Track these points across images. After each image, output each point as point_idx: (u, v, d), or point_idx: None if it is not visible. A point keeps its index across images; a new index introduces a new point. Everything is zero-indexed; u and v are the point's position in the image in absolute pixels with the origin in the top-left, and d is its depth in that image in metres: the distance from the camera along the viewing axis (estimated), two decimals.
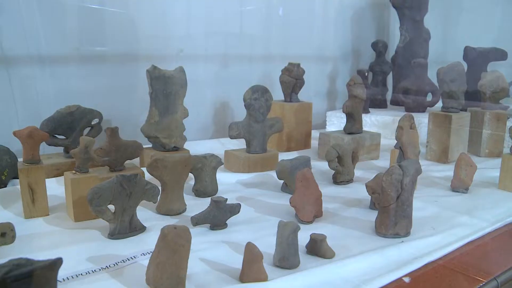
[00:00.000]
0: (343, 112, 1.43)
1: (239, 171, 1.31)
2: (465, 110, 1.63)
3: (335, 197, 1.14)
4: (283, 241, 0.78)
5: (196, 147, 1.58)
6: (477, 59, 1.81)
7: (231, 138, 1.31)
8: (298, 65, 1.57)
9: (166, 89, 1.30)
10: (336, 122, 1.81)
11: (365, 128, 1.76)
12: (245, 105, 1.30)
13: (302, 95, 1.75)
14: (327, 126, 1.84)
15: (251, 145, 1.33)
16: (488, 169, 1.40)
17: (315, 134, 1.64)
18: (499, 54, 1.82)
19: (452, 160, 1.47)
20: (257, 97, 1.30)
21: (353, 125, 1.45)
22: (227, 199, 0.95)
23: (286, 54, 1.93)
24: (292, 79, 1.56)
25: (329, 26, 2.11)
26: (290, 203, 0.98)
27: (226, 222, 0.95)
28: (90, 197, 0.87)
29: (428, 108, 1.86)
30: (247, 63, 1.86)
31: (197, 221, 0.93)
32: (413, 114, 1.76)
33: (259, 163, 1.31)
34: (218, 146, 1.58)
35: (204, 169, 1.13)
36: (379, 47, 1.98)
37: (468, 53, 1.83)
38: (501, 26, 2.16)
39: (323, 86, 2.08)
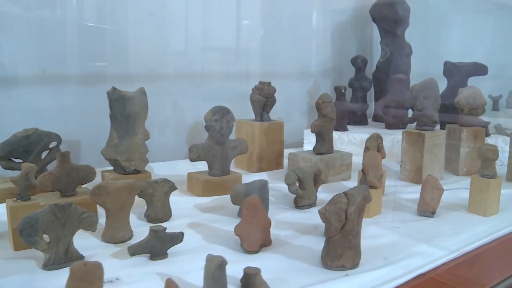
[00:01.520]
0: (312, 132, 1.39)
1: (200, 194, 1.27)
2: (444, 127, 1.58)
3: (291, 223, 1.09)
4: (209, 276, 0.74)
5: (166, 168, 1.55)
6: (457, 74, 1.76)
7: (191, 160, 1.28)
8: (269, 83, 1.54)
9: (125, 111, 1.27)
10: (313, 140, 1.75)
11: (342, 146, 1.71)
12: (205, 127, 1.27)
13: (281, 112, 1.72)
14: (304, 145, 1.79)
15: (212, 167, 1.29)
16: (462, 189, 1.34)
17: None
18: (480, 69, 1.76)
19: None
20: (217, 118, 1.27)
21: (322, 145, 1.41)
22: (166, 228, 0.91)
23: (265, 71, 1.90)
24: (263, 97, 1.52)
25: (309, 41, 2.07)
26: (234, 231, 0.94)
27: (167, 251, 0.92)
28: (21, 228, 0.84)
29: (409, 124, 1.81)
30: (225, 81, 1.83)
31: (134, 251, 0.89)
32: (393, 131, 1.73)
33: (220, 186, 1.27)
34: (189, 167, 1.54)
35: (155, 194, 1.09)
36: (358, 63, 1.93)
37: (448, 68, 1.78)
38: (485, 40, 2.12)
39: (303, 103, 2.04)
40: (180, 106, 1.72)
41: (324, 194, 1.29)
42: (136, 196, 1.07)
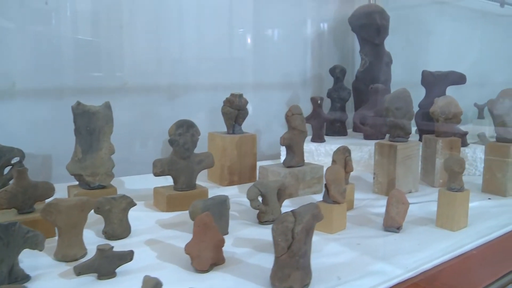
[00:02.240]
0: (281, 144, 1.37)
1: (164, 209, 1.25)
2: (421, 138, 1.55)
3: (250, 239, 1.07)
4: None
5: (138, 182, 1.53)
6: (435, 83, 1.73)
7: (155, 175, 1.26)
8: (241, 95, 1.52)
9: (89, 125, 1.25)
10: None
11: (319, 158, 1.69)
12: (169, 141, 1.25)
13: (261, 123, 1.70)
14: (281, 157, 1.76)
15: (177, 182, 1.27)
16: (434, 202, 1.30)
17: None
18: (458, 78, 1.73)
19: None
20: (181, 132, 1.25)
21: (292, 158, 1.38)
22: (113, 246, 0.89)
23: (245, 82, 1.89)
24: (234, 110, 1.51)
25: (290, 52, 2.05)
26: (184, 250, 0.92)
27: (116, 270, 0.90)
28: None
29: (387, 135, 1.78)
30: (204, 92, 1.81)
31: (80, 270, 0.87)
32: (371, 141, 1.70)
33: (185, 201, 1.24)
34: (161, 181, 1.51)
35: (112, 211, 1.07)
36: (336, 73, 1.91)
37: (426, 77, 1.75)
38: (470, 48, 2.09)
39: (282, 114, 1.99)
40: (156, 118, 1.70)
41: (292, 208, 1.26)
42: (95, 212, 1.07)
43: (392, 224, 1.11)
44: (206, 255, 0.92)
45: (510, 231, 1.14)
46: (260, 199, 1.16)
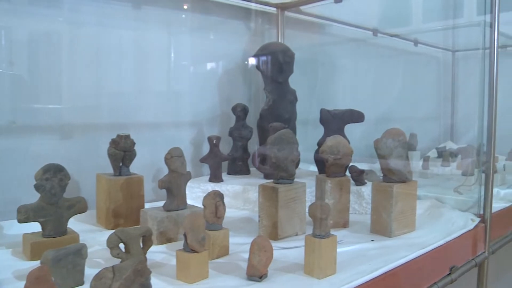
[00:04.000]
0: (159, 188, 1.34)
1: (29, 258, 1.20)
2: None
3: None
4: None
5: (17, 228, 1.45)
6: (333, 121, 1.73)
7: (19, 222, 1.20)
8: (127, 136, 1.48)
9: None
10: (188, 192, 1.70)
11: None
12: (34, 186, 1.20)
13: (163, 163, 1.67)
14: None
15: (45, 228, 1.22)
16: None
17: None
18: (355, 116, 1.74)
19: (284, 236, 1.38)
20: (48, 177, 1.20)
21: (172, 201, 1.35)
22: None
23: (147, 121, 1.86)
24: (120, 151, 1.47)
25: (198, 90, 2.04)
26: None
27: None
28: None
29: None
30: (104, 132, 1.75)
31: None
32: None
33: (52, 248, 1.19)
34: None
35: None
36: (238, 111, 1.90)
37: (324, 115, 1.76)
38: (381, 86, 2.11)
39: (186, 153, 1.98)
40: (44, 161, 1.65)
41: (163, 255, 1.23)
42: None
43: (254, 273, 1.08)
44: None
45: (375, 277, 1.12)
46: (122, 246, 1.12)
